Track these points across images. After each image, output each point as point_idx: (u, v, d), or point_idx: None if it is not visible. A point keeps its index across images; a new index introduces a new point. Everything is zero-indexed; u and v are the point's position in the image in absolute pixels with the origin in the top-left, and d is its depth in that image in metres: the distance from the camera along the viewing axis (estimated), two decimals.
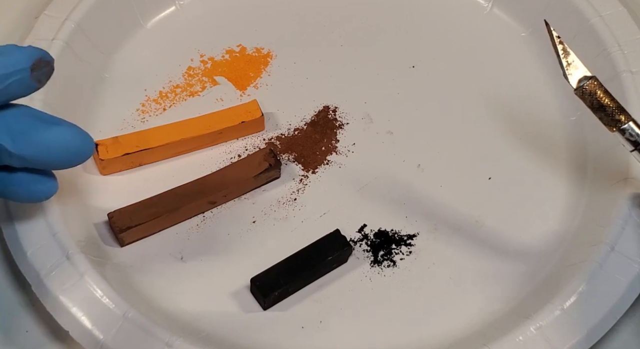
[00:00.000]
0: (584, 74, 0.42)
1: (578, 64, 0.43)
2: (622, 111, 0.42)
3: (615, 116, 0.42)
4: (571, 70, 0.42)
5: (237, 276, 0.47)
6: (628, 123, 0.42)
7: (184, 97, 0.54)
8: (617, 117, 0.42)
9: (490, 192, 0.51)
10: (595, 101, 0.42)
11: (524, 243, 0.49)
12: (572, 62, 0.42)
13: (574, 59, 0.43)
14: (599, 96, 0.42)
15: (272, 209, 0.50)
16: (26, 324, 0.45)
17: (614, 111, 0.42)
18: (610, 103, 0.42)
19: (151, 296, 0.46)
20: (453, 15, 0.58)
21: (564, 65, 0.42)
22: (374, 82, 0.55)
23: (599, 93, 0.42)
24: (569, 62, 0.42)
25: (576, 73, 0.42)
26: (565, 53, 0.43)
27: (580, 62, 0.42)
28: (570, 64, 0.42)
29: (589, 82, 0.42)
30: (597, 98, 0.42)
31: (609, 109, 0.42)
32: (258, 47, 0.56)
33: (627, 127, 0.42)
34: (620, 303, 0.43)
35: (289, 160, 0.51)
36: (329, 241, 0.47)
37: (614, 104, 0.42)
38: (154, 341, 0.42)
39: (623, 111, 0.42)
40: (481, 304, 0.46)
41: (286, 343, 0.45)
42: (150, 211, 0.47)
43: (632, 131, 0.42)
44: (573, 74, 0.42)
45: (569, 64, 0.42)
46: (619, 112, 0.42)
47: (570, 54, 0.43)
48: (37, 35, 0.51)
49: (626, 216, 0.45)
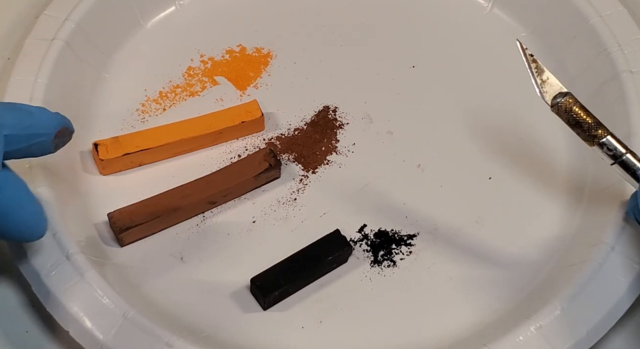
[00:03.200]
0: (559, 90, 0.42)
1: (553, 81, 0.42)
2: (599, 126, 0.42)
3: (592, 132, 0.42)
4: (546, 88, 0.42)
5: (237, 276, 0.47)
6: (606, 137, 0.42)
7: (184, 97, 0.54)
8: (594, 132, 0.42)
9: (490, 192, 0.51)
10: (572, 118, 0.42)
11: (524, 243, 0.49)
12: (547, 80, 0.42)
13: (549, 76, 0.42)
14: (575, 112, 0.42)
15: (272, 209, 0.50)
16: (26, 324, 0.45)
17: (590, 126, 0.42)
18: (586, 118, 0.42)
19: (151, 296, 0.46)
20: (453, 15, 0.58)
21: (538, 83, 0.42)
22: (374, 82, 0.55)
23: (575, 109, 0.42)
24: (543, 79, 0.42)
25: (551, 90, 0.42)
26: (539, 71, 0.42)
27: (555, 79, 0.42)
28: (544, 81, 0.42)
29: (564, 100, 0.42)
30: (572, 115, 0.42)
31: (585, 125, 0.42)
32: (258, 47, 0.56)
33: (605, 141, 0.42)
34: (620, 303, 0.43)
35: (289, 160, 0.51)
36: (329, 241, 0.47)
37: (590, 119, 0.42)
38: (154, 341, 0.42)
39: (600, 125, 0.42)
40: (481, 304, 0.46)
41: (286, 343, 0.45)
42: (150, 211, 0.47)
43: (610, 145, 0.42)
44: (548, 92, 0.42)
45: (544, 82, 0.42)
46: (596, 127, 0.42)
47: (545, 72, 0.42)
48: (37, 35, 0.51)
49: (626, 217, 0.45)
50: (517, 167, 0.51)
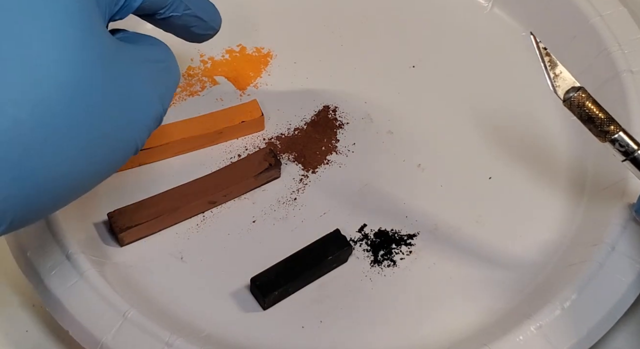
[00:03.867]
0: (572, 85, 0.42)
1: (566, 75, 0.42)
2: (612, 122, 0.41)
3: (605, 127, 0.41)
4: (559, 82, 0.42)
5: (237, 276, 0.47)
6: (618, 133, 0.41)
7: (184, 97, 0.54)
8: (606, 128, 0.41)
9: (490, 192, 0.51)
10: (584, 113, 0.41)
11: (524, 243, 0.49)
12: (560, 74, 0.42)
13: (562, 70, 0.42)
14: (587, 107, 0.41)
15: (272, 209, 0.50)
16: (26, 324, 0.45)
17: (603, 122, 0.41)
18: (599, 114, 0.41)
19: (151, 296, 0.46)
20: (453, 15, 0.58)
21: (552, 77, 0.42)
22: (374, 82, 0.55)
23: (588, 104, 0.41)
24: (556, 73, 0.42)
25: (564, 84, 0.42)
26: (553, 65, 0.42)
27: (568, 73, 0.42)
28: (557, 75, 0.42)
29: (577, 94, 0.41)
30: (585, 110, 0.41)
31: (597, 121, 0.41)
32: (258, 47, 0.56)
33: (618, 137, 0.41)
34: (620, 303, 0.43)
35: (289, 160, 0.51)
36: (329, 240, 0.47)
37: (603, 115, 0.41)
38: (154, 341, 0.42)
39: (613, 121, 0.41)
40: (481, 304, 0.46)
41: (286, 343, 0.45)
42: (150, 211, 0.47)
43: (622, 141, 0.41)
44: (561, 86, 0.42)
45: (557, 76, 0.42)
46: (608, 123, 0.41)
47: (558, 65, 0.42)
48: None
49: (626, 216, 0.45)
50: (517, 167, 0.51)
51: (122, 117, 0.33)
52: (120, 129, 0.33)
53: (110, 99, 0.32)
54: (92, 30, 0.31)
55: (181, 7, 0.40)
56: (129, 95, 0.33)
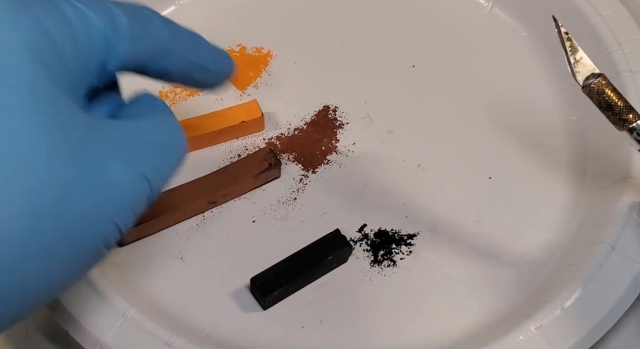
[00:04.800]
0: (592, 71, 0.41)
1: (586, 61, 0.41)
2: (631, 110, 0.41)
3: (623, 115, 0.41)
4: (579, 68, 0.41)
5: (237, 276, 0.47)
6: (636, 122, 0.41)
7: (183, 96, 0.54)
8: (624, 116, 0.41)
9: (490, 192, 0.51)
10: (603, 100, 0.41)
11: (524, 243, 0.49)
12: (580, 60, 0.41)
13: (582, 55, 0.41)
14: (607, 94, 0.41)
15: (272, 209, 0.50)
16: (26, 324, 0.45)
17: (622, 109, 0.41)
18: (618, 102, 0.41)
19: (151, 296, 0.46)
20: (453, 15, 0.58)
21: (572, 62, 0.41)
22: (374, 82, 0.55)
23: (607, 91, 0.41)
24: (577, 59, 0.41)
25: (584, 70, 0.41)
26: (574, 50, 0.41)
27: (588, 59, 0.41)
28: (578, 61, 0.41)
29: (596, 81, 0.41)
30: (604, 97, 0.41)
31: (616, 108, 0.41)
32: (258, 47, 0.56)
33: (636, 126, 0.41)
34: (620, 303, 0.43)
35: (289, 160, 0.51)
36: (329, 240, 0.47)
37: (622, 103, 0.41)
38: (154, 341, 0.42)
39: (631, 109, 0.41)
40: (481, 304, 0.46)
41: (286, 343, 0.45)
42: (150, 211, 0.47)
43: None
44: (580, 72, 0.41)
45: (577, 61, 0.41)
46: (627, 111, 0.41)
47: (579, 51, 0.41)
48: None
49: (626, 216, 0.45)
50: (517, 167, 0.51)
51: (91, 208, 0.29)
52: (88, 224, 0.29)
53: (76, 193, 0.28)
54: (50, 124, 0.27)
55: (172, 59, 0.35)
56: (100, 182, 0.29)
